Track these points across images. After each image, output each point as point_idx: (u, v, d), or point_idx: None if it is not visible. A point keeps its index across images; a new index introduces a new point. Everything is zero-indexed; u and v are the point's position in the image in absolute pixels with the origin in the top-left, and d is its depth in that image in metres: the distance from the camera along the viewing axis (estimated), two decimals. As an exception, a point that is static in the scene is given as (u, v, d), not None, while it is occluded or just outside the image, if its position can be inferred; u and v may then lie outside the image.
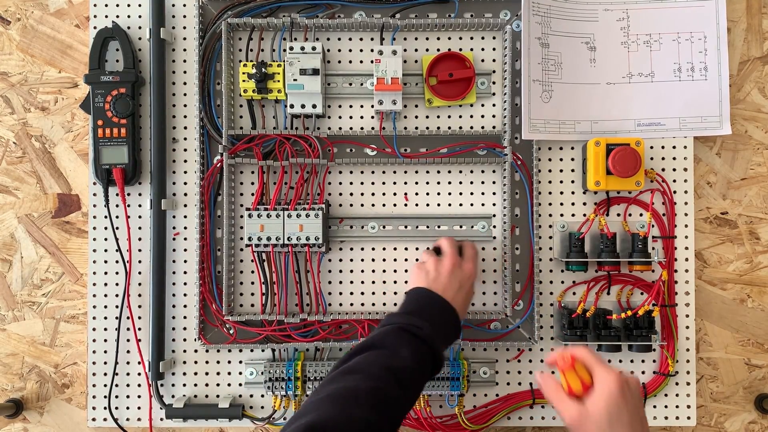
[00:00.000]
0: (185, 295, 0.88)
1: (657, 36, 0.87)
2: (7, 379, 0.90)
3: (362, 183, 0.89)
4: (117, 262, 0.88)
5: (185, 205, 0.88)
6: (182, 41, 0.89)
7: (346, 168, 0.88)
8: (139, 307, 0.88)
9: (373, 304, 0.89)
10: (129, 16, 0.88)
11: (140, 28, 0.88)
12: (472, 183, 0.88)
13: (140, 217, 0.88)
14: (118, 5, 0.88)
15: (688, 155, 0.88)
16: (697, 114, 0.87)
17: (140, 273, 0.88)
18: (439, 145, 0.86)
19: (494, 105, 0.88)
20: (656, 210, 0.87)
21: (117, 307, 0.88)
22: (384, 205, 0.89)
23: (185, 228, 0.88)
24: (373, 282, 0.89)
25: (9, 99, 0.91)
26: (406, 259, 0.89)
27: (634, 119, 0.87)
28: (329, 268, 0.89)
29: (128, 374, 0.88)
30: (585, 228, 0.86)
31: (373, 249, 0.89)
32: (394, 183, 0.89)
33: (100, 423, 0.88)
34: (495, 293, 0.88)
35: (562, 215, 0.88)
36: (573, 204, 0.88)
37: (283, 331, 0.85)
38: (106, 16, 0.88)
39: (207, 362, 0.88)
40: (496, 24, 0.86)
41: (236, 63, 0.88)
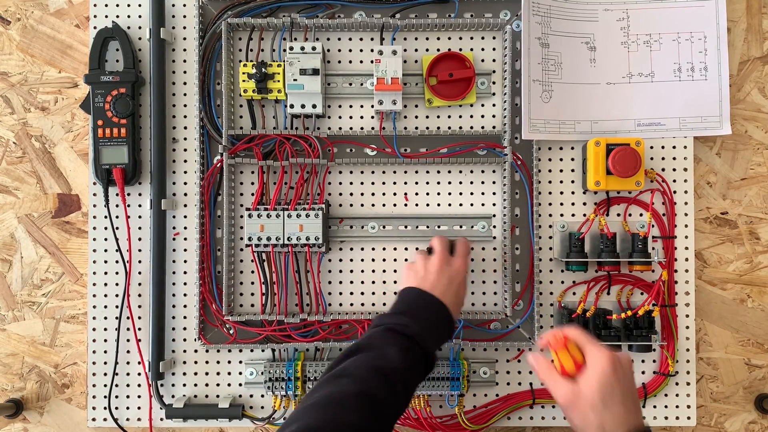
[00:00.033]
0: (185, 295, 0.88)
1: (657, 36, 0.87)
2: (7, 379, 0.90)
3: (362, 183, 0.89)
4: (117, 262, 0.88)
5: (185, 205, 0.88)
6: (182, 41, 0.89)
7: (346, 168, 0.88)
8: (139, 307, 0.88)
9: (373, 304, 0.89)
10: (129, 16, 0.88)
11: (140, 28, 0.88)
12: (472, 183, 0.88)
13: (140, 217, 0.88)
14: (118, 5, 0.88)
15: (688, 155, 0.88)
16: (697, 114, 0.87)
17: (140, 273, 0.88)
18: (439, 145, 0.86)
19: (494, 105, 0.88)
20: (656, 210, 0.87)
21: (117, 307, 0.88)
22: (384, 205, 0.89)
23: (185, 228, 0.88)
24: (373, 282, 0.89)
25: (9, 99, 0.91)
26: (406, 259, 0.89)
27: (634, 119, 0.87)
28: (329, 268, 0.89)
29: (128, 374, 0.88)
30: (585, 228, 0.86)
31: (373, 249, 0.89)
32: (394, 183, 0.89)
33: (100, 423, 0.88)
34: (495, 293, 0.88)
35: (562, 215, 0.88)
36: (573, 204, 0.88)
37: (283, 331, 0.85)
38: (106, 16, 0.88)
39: (207, 362, 0.88)
40: (496, 24, 0.86)
41: (236, 63, 0.88)
